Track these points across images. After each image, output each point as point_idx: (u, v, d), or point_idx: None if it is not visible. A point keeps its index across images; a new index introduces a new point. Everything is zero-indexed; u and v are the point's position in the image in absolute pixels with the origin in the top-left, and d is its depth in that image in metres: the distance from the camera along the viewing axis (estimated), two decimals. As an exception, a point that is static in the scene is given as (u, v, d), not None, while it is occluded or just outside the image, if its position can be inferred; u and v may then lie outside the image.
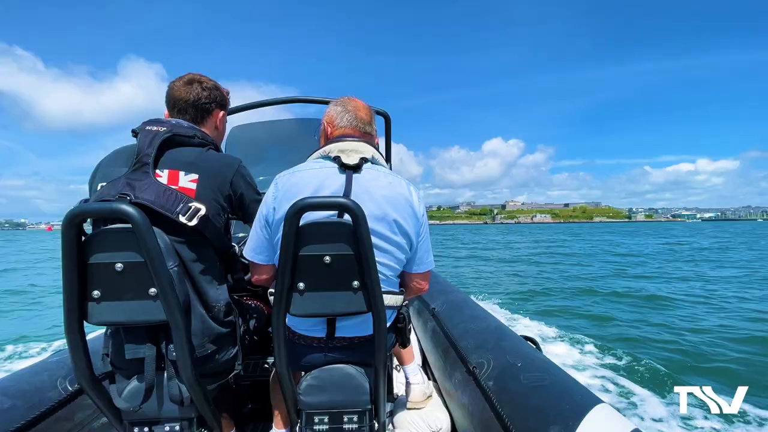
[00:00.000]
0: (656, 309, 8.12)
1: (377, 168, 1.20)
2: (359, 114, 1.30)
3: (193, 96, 1.26)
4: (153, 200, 1.03)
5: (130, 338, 1.07)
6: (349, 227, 1.00)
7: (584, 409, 1.13)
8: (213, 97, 1.30)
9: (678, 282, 11.67)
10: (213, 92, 1.30)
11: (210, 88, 1.29)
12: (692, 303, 8.56)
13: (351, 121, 1.28)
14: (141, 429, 1.12)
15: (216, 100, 1.31)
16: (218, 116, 1.34)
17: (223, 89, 1.36)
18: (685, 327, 6.62)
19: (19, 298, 10.32)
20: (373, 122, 1.35)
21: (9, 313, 8.71)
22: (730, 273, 13.39)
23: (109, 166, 1.14)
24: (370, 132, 1.32)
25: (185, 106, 1.26)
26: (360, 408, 1.14)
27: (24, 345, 5.81)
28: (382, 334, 1.07)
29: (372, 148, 1.23)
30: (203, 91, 1.27)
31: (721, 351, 5.37)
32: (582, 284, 11.47)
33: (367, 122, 1.31)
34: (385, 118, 2.53)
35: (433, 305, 2.56)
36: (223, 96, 1.35)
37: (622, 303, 8.80)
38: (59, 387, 1.41)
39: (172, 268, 1.02)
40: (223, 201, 1.17)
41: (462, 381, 1.64)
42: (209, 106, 1.30)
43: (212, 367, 1.19)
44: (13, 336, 6.44)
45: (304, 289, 1.04)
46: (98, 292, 0.97)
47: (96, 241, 0.96)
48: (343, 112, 1.29)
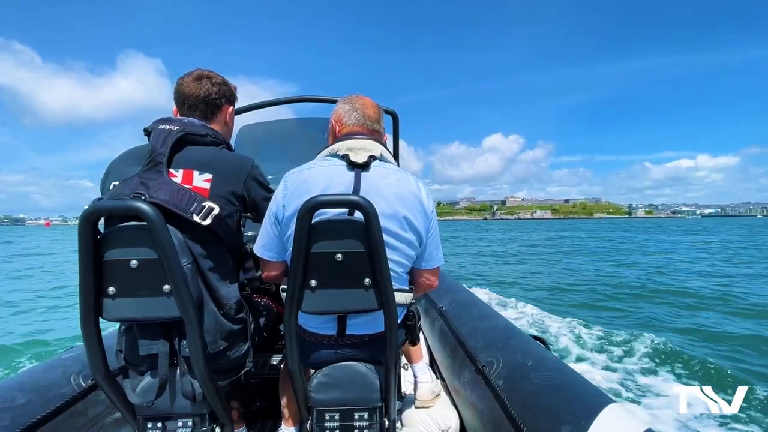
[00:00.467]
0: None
1: (386, 165, 1.20)
2: (367, 112, 1.30)
3: (203, 92, 1.27)
4: (167, 200, 1.04)
5: (144, 334, 1.08)
6: (361, 225, 1.00)
7: (596, 409, 1.12)
8: (222, 93, 1.31)
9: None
10: (222, 88, 1.31)
11: (219, 83, 1.30)
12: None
13: (359, 119, 1.29)
14: (154, 424, 1.13)
15: (225, 96, 1.32)
16: (227, 112, 1.35)
17: (231, 84, 1.36)
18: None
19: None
20: (381, 120, 1.35)
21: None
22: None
23: (122, 166, 1.15)
24: (379, 130, 1.33)
25: (195, 102, 1.27)
26: (370, 405, 1.15)
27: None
28: (394, 331, 1.07)
29: (380, 146, 1.23)
30: (213, 86, 1.28)
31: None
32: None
33: (375, 120, 1.31)
34: (393, 117, 2.53)
35: (441, 304, 2.56)
36: (231, 91, 1.36)
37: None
38: (73, 383, 1.43)
39: (186, 265, 1.03)
40: (236, 201, 1.18)
41: (471, 380, 1.63)
42: (219, 102, 1.30)
43: (224, 364, 1.20)
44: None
45: (316, 287, 1.04)
46: (113, 288, 0.98)
47: (111, 238, 0.97)
48: (351, 110, 1.30)
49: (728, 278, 11.45)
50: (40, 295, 10.21)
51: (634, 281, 11.14)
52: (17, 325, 7.18)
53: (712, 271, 13.18)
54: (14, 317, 7.92)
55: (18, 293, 10.58)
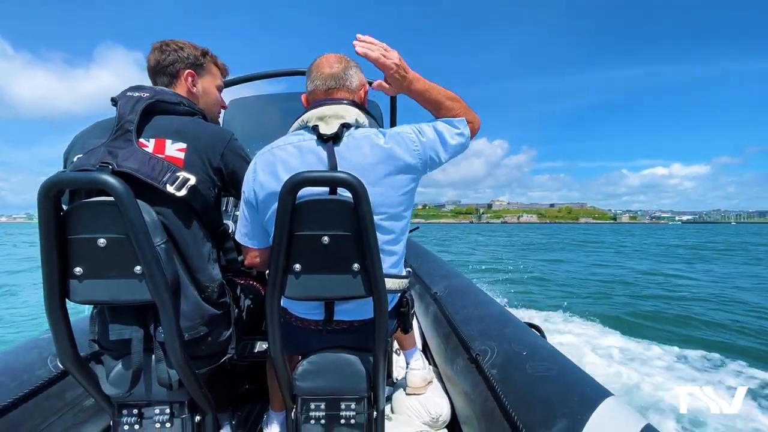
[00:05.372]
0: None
1: (361, 132, 1.06)
2: (324, 70, 1.12)
3: (153, 60, 1.18)
4: (137, 168, 0.95)
5: (116, 319, 1.01)
6: (349, 205, 0.92)
7: (593, 402, 1.07)
8: (177, 58, 1.19)
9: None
10: (177, 53, 1.19)
11: (173, 49, 1.19)
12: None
13: (317, 82, 1.12)
14: (130, 411, 1.08)
15: (181, 60, 1.20)
16: (186, 77, 1.21)
17: (195, 49, 1.23)
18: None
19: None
20: (347, 71, 1.13)
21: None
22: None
23: (87, 138, 1.05)
24: (347, 84, 1.12)
25: (153, 74, 1.19)
26: (358, 395, 1.10)
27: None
28: (383, 319, 1.01)
29: (354, 110, 1.09)
30: (162, 54, 1.18)
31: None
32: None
33: (335, 75, 1.11)
34: (391, 97, 2.42)
35: (435, 289, 2.51)
36: (192, 56, 1.22)
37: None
38: (49, 365, 1.37)
39: (159, 244, 0.95)
40: (213, 174, 1.09)
41: (464, 368, 1.59)
42: (172, 68, 1.19)
43: (205, 350, 1.14)
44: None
45: (300, 271, 0.97)
46: (80, 269, 0.91)
47: (75, 215, 0.89)
48: (308, 75, 1.15)
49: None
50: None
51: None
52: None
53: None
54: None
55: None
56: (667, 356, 4.76)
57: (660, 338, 5.54)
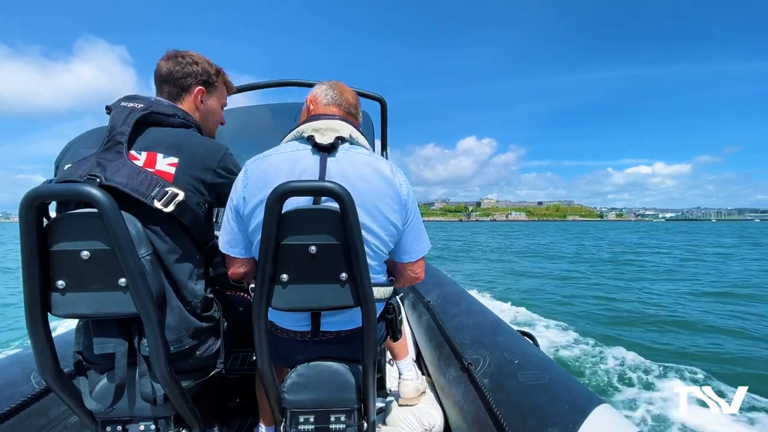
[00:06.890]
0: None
1: (356, 149, 1.10)
2: (345, 95, 1.23)
3: (165, 70, 1.18)
4: (125, 183, 0.94)
5: (100, 332, 0.99)
6: (336, 215, 0.92)
7: (585, 410, 1.07)
8: (190, 72, 1.20)
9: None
10: (192, 67, 1.20)
11: (189, 63, 1.20)
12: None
13: (336, 98, 1.21)
14: (114, 428, 1.05)
15: (194, 76, 1.21)
16: (197, 94, 1.23)
17: (210, 66, 1.25)
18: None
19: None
20: (358, 108, 1.28)
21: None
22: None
23: (80, 146, 1.05)
24: (355, 114, 1.25)
25: (161, 82, 1.18)
26: (348, 407, 1.08)
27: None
28: (372, 329, 1.00)
29: (351, 127, 1.13)
30: (178, 65, 1.18)
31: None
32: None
33: (352, 104, 1.24)
34: (381, 104, 2.44)
35: (428, 298, 2.50)
36: (206, 73, 1.24)
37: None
38: (33, 381, 1.34)
39: (145, 257, 0.94)
40: (204, 189, 1.08)
41: (456, 378, 1.58)
42: (184, 82, 1.20)
43: (192, 363, 1.12)
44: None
45: (287, 281, 0.96)
46: (63, 282, 0.89)
47: (59, 227, 0.88)
48: (329, 89, 1.21)
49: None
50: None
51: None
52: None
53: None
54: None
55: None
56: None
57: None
